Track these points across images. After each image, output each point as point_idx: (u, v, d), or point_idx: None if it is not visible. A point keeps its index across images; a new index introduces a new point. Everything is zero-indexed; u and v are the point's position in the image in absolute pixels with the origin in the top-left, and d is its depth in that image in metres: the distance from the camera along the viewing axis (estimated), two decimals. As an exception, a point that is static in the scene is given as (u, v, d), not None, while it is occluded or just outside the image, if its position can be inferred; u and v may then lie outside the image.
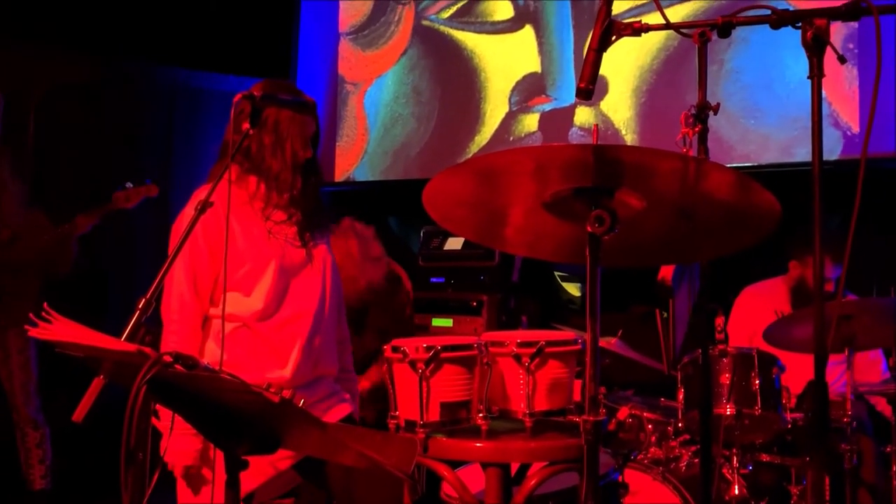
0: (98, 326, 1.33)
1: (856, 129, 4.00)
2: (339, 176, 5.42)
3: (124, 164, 5.11)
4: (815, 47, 1.47)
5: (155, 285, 1.60)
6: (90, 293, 4.85)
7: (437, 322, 4.39)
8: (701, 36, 1.59)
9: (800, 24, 1.50)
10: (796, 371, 2.91)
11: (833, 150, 4.04)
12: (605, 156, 1.41)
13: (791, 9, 1.56)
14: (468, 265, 4.34)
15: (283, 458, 2.06)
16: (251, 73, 5.20)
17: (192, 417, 1.48)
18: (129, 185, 3.78)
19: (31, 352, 3.77)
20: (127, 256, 5.04)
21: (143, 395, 1.21)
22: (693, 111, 1.68)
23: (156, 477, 1.58)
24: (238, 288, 2.08)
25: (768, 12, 1.56)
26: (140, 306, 1.57)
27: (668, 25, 1.63)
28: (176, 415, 1.51)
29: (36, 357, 3.79)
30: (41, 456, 3.79)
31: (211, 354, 2.03)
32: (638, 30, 1.62)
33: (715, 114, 1.69)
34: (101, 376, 1.42)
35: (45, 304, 1.31)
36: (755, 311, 3.57)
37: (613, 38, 1.61)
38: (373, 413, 3.29)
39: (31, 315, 1.31)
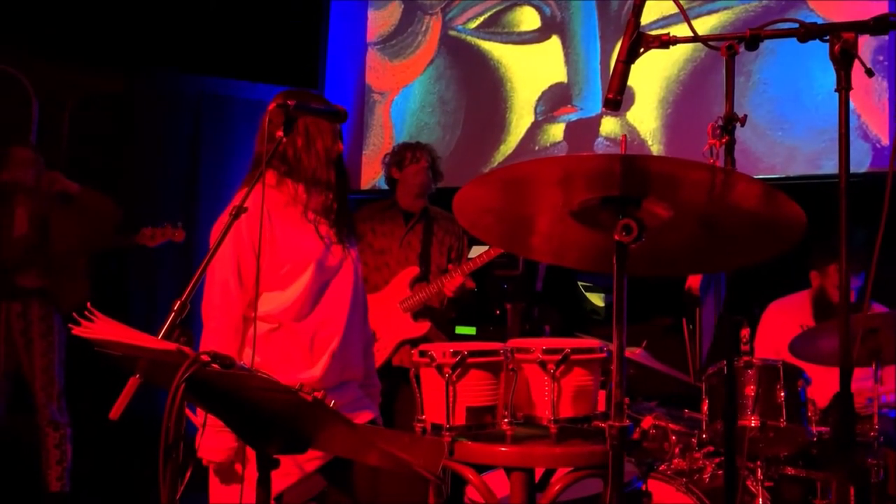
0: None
1: (885, 141, 3.98)
2: (366, 184, 5.47)
3: (153, 170, 5.20)
4: (843, 61, 1.48)
5: (190, 288, 1.64)
6: (111, 307, 4.88)
7: (461, 330, 4.41)
8: (728, 49, 1.61)
9: (827, 37, 1.51)
10: (822, 384, 2.89)
11: (862, 162, 4.02)
12: (632, 166, 1.43)
13: (820, 19, 1.57)
14: (492, 273, 4.36)
15: (310, 460, 2.09)
16: (279, 81, 5.27)
17: (226, 416, 1.52)
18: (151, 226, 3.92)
19: (55, 338, 3.79)
20: (150, 264, 5.07)
21: (181, 394, 1.24)
22: (720, 122, 1.70)
23: (188, 474, 1.62)
24: (276, 287, 2.12)
25: (796, 25, 1.57)
26: (175, 308, 1.62)
27: (695, 38, 1.66)
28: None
29: (62, 356, 3.81)
30: (59, 457, 3.75)
31: (248, 359, 2.06)
32: (666, 42, 1.64)
33: (742, 125, 1.70)
34: (137, 375, 1.46)
35: (87, 304, 1.36)
36: (781, 326, 3.55)
37: (642, 50, 1.64)
38: None
39: (73, 314, 1.36)
